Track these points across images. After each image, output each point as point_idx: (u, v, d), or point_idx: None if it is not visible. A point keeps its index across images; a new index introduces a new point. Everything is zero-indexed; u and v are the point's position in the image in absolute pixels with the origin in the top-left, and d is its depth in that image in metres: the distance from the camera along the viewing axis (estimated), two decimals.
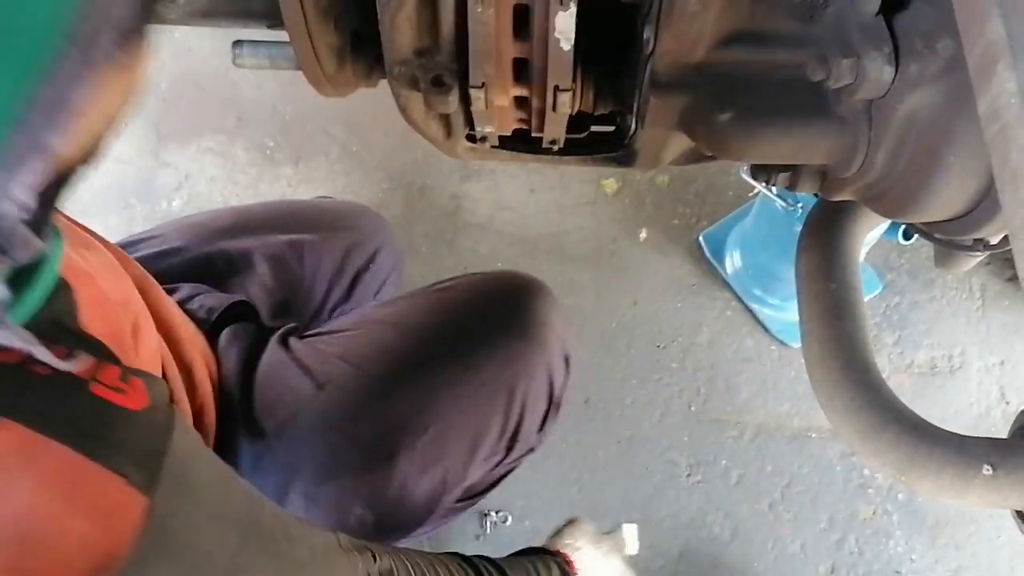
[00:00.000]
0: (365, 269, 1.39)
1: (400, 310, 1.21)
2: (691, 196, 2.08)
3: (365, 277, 1.39)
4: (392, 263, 1.45)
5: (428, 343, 1.15)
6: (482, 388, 1.13)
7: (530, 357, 1.16)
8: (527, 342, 1.16)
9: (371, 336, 1.16)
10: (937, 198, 0.75)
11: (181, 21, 0.92)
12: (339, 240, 1.36)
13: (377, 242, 1.41)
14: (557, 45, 0.76)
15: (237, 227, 1.30)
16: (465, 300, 1.22)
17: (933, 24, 0.70)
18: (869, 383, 0.95)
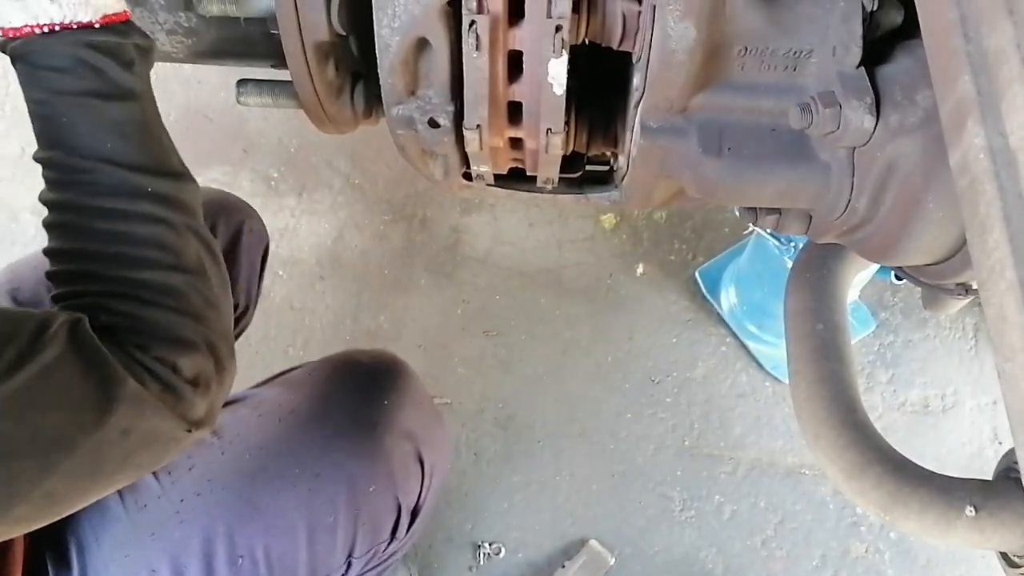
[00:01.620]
0: None
1: (232, 425, 1.12)
2: (688, 232, 2.11)
3: None
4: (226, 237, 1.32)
5: (251, 462, 1.08)
6: (310, 505, 1.06)
7: (365, 468, 1.10)
8: (358, 457, 1.10)
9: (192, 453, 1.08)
10: (918, 243, 0.77)
11: (188, 60, 0.95)
12: None
13: None
14: (550, 90, 0.79)
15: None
16: (304, 410, 1.13)
17: (913, 76, 0.73)
18: (854, 422, 0.96)
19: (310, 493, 1.07)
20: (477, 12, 0.73)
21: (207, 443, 1.09)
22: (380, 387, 1.17)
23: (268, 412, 1.13)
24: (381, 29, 0.75)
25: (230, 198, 1.39)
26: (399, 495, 1.13)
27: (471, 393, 1.94)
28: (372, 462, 1.10)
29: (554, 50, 0.75)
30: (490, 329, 2.01)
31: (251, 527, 1.04)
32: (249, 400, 1.17)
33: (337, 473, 1.08)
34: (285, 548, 1.05)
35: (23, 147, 2.17)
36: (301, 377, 1.21)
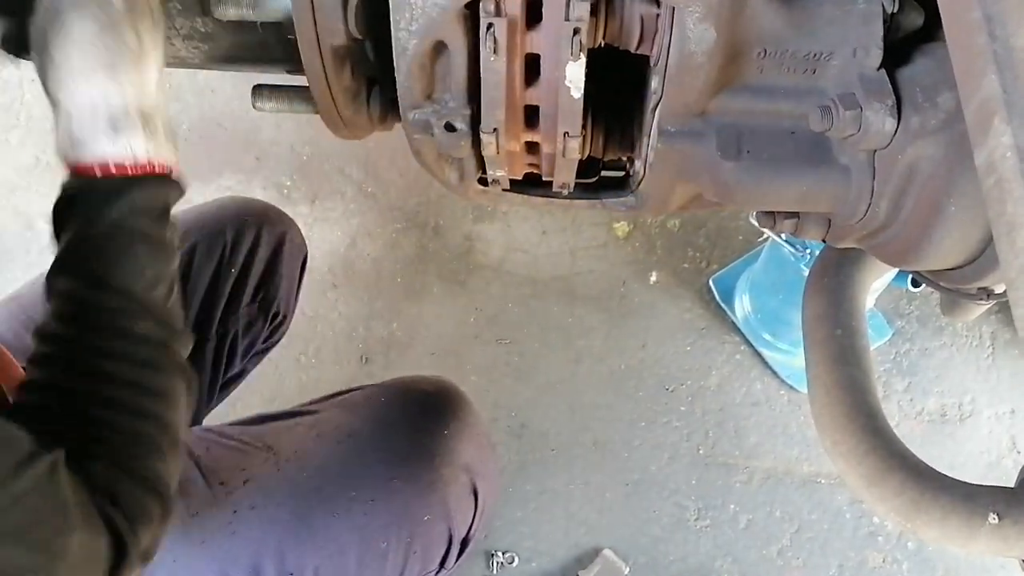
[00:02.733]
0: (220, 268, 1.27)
1: (290, 443, 1.12)
2: (701, 240, 2.10)
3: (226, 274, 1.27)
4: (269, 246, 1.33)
5: (305, 482, 1.08)
6: (363, 530, 1.06)
7: (420, 498, 1.09)
8: (414, 483, 1.09)
9: (248, 466, 1.08)
10: (939, 247, 0.76)
11: (203, 65, 0.95)
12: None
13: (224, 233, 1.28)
14: (567, 93, 0.78)
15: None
16: (356, 431, 1.13)
17: (934, 78, 0.72)
18: (875, 428, 0.95)
19: (365, 518, 1.06)
20: (495, 15, 0.72)
21: (263, 458, 1.08)
22: (440, 416, 1.16)
23: (326, 433, 1.13)
24: (398, 32, 0.75)
25: (272, 210, 1.40)
26: (452, 526, 1.12)
27: (484, 402, 1.94)
28: (429, 492, 1.09)
29: (572, 53, 0.74)
30: (503, 337, 2.01)
31: (303, 546, 1.04)
32: (306, 419, 1.17)
33: (393, 500, 1.08)
34: (335, 570, 1.05)
35: (37, 156, 2.18)
36: (361, 400, 1.20)
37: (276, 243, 1.35)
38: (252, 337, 1.37)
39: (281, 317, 1.42)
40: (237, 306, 1.31)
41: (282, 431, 1.14)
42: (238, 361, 1.36)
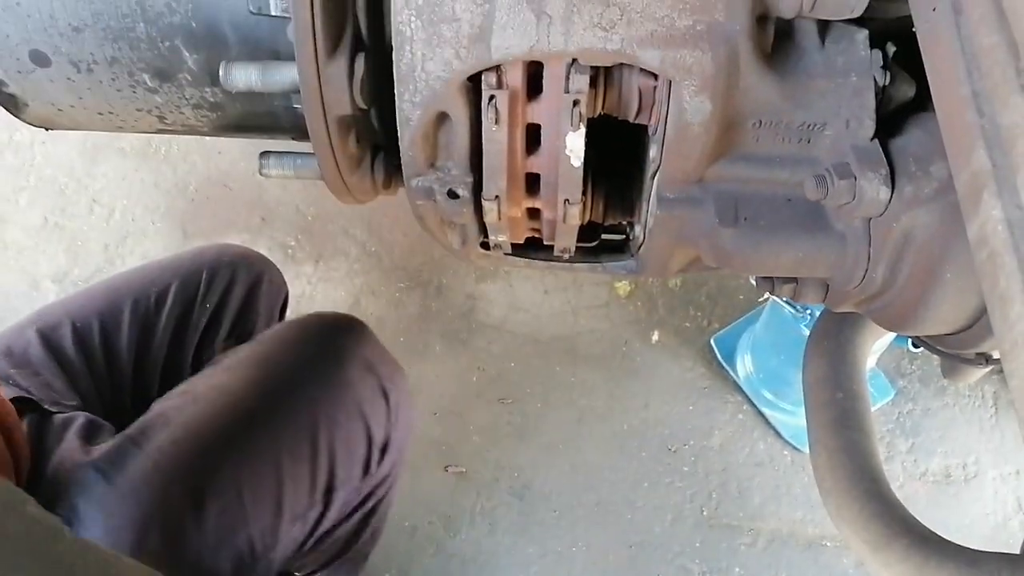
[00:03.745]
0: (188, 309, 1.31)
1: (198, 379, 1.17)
2: (703, 299, 2.11)
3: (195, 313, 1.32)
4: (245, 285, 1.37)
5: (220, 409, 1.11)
6: (279, 442, 1.10)
7: (332, 400, 1.15)
8: (328, 384, 1.15)
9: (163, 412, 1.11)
10: (936, 313, 0.77)
11: (212, 133, 0.97)
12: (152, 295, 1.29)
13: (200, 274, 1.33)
14: (568, 162, 0.80)
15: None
16: (263, 358, 1.19)
17: (926, 148, 0.74)
18: (878, 494, 0.95)
19: (283, 426, 1.11)
20: (497, 87, 0.74)
21: (181, 400, 1.12)
22: (341, 332, 1.24)
23: (238, 363, 1.18)
24: (402, 103, 0.77)
25: (251, 252, 1.45)
26: (368, 425, 1.18)
27: (486, 462, 1.93)
28: (340, 392, 1.16)
29: (572, 124, 0.76)
30: (505, 397, 2.01)
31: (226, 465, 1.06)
32: (220, 362, 1.21)
33: (308, 405, 1.13)
34: (263, 483, 1.07)
35: (46, 217, 2.21)
36: (268, 334, 1.26)
37: (253, 282, 1.39)
38: None
39: None
40: (212, 341, 1.34)
41: (197, 378, 1.18)
42: None
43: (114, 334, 1.25)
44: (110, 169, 2.27)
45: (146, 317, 1.27)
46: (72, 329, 1.22)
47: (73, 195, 2.24)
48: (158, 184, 2.26)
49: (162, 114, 0.94)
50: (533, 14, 0.71)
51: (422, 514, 1.88)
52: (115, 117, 0.95)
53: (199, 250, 1.42)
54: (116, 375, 1.25)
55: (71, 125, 0.98)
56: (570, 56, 0.73)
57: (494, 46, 0.72)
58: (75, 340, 1.21)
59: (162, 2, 0.82)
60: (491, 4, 0.71)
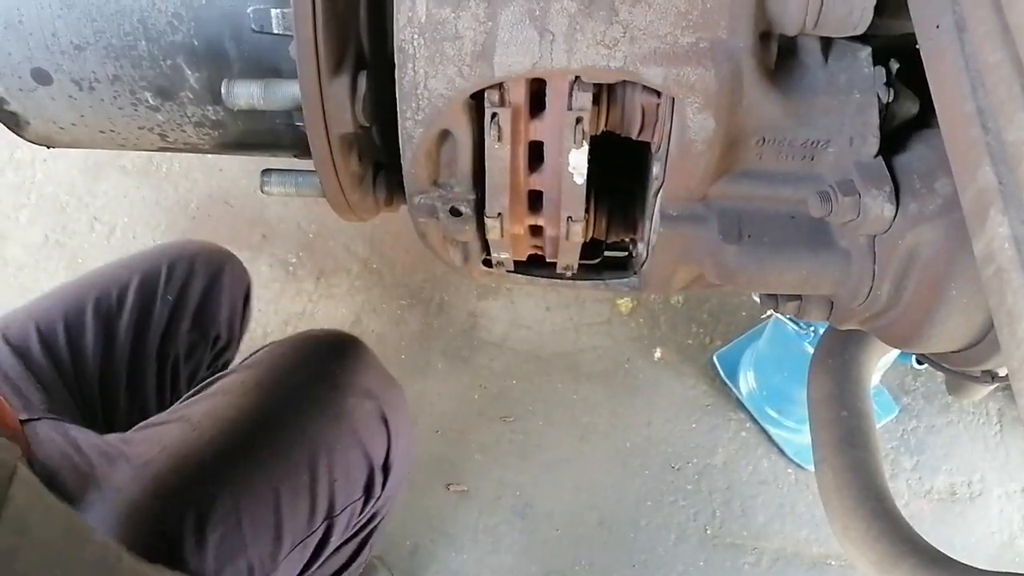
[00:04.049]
0: (150, 302, 1.33)
1: (191, 404, 1.17)
2: (705, 316, 2.10)
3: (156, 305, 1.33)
4: (206, 277, 1.39)
5: (216, 434, 1.11)
6: (277, 470, 1.10)
7: (330, 428, 1.15)
8: (326, 411, 1.15)
9: (155, 435, 1.11)
10: (942, 330, 0.76)
11: (214, 151, 0.97)
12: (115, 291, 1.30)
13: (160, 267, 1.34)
14: (570, 179, 0.80)
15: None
16: (259, 382, 1.19)
17: (930, 164, 0.74)
18: (884, 513, 0.94)
19: (282, 456, 1.11)
20: (499, 105, 0.74)
21: (178, 428, 1.12)
22: (337, 356, 1.23)
23: (233, 389, 1.18)
24: (405, 121, 0.77)
25: (212, 246, 1.47)
26: (368, 451, 1.18)
27: (488, 480, 1.92)
28: (337, 421, 1.16)
29: (575, 141, 0.76)
30: (507, 414, 2.00)
31: (226, 497, 1.06)
32: (216, 385, 1.21)
33: (306, 435, 1.13)
34: (264, 512, 1.07)
35: (46, 234, 2.21)
36: (261, 356, 1.25)
37: (213, 273, 1.41)
38: (195, 363, 1.40)
39: (224, 342, 1.45)
40: (176, 332, 1.35)
41: (191, 402, 1.17)
42: (184, 386, 1.39)
43: (78, 334, 1.25)
44: (111, 187, 2.27)
45: (108, 315, 1.28)
46: (37, 333, 1.22)
47: (74, 213, 2.24)
48: (159, 202, 2.26)
49: (164, 132, 0.93)
50: (536, 32, 0.71)
51: (424, 532, 1.86)
52: (117, 135, 0.94)
53: (161, 246, 1.45)
54: (82, 375, 1.25)
55: (72, 143, 0.98)
56: (573, 73, 0.73)
57: (497, 64, 0.72)
58: (41, 343, 1.22)
59: (164, 20, 0.82)
60: (494, 22, 0.71)
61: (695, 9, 0.70)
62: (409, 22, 0.72)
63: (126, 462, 1.06)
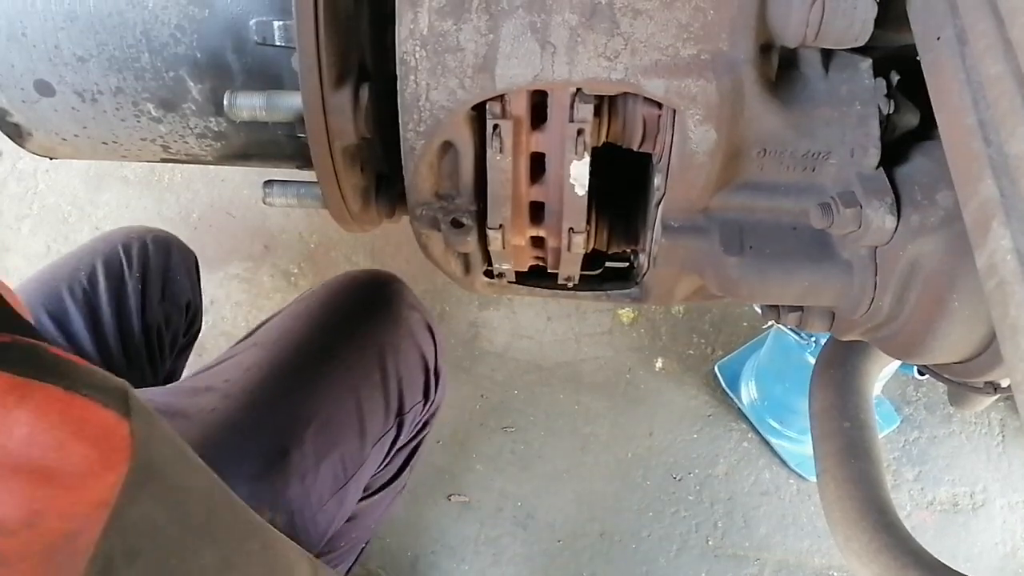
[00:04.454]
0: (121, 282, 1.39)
1: (260, 332, 1.27)
2: (706, 326, 2.10)
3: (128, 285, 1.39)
4: (162, 255, 1.46)
5: (290, 348, 1.20)
6: (353, 372, 1.19)
7: (391, 333, 1.25)
8: (384, 321, 1.26)
9: (233, 361, 1.20)
10: (944, 342, 0.76)
11: (216, 162, 0.97)
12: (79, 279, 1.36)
13: (117, 251, 1.41)
14: (572, 191, 0.80)
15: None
16: (319, 304, 1.28)
17: (932, 176, 0.74)
18: (887, 525, 0.94)
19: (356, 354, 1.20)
20: (501, 117, 0.74)
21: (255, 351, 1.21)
22: (382, 280, 1.34)
23: (298, 313, 1.28)
24: (407, 133, 0.77)
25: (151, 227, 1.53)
26: (424, 354, 1.29)
27: (489, 491, 1.91)
28: (396, 326, 1.26)
29: (576, 153, 0.76)
30: (508, 425, 2.00)
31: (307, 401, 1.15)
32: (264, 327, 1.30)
33: (371, 336, 1.23)
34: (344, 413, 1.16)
35: (48, 245, 2.21)
36: (312, 291, 1.35)
37: (165, 249, 1.48)
38: (174, 331, 1.49)
39: (193, 310, 1.56)
40: (150, 305, 1.42)
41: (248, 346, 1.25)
42: (169, 355, 1.48)
43: (64, 320, 1.30)
44: (113, 197, 2.28)
45: (86, 298, 1.33)
46: (38, 320, 1.27)
47: (76, 223, 2.24)
48: (161, 212, 2.26)
49: (166, 143, 0.94)
50: (537, 44, 0.71)
51: (425, 543, 1.86)
52: (119, 146, 0.95)
53: (103, 235, 1.50)
54: (82, 357, 1.27)
55: (75, 154, 0.98)
56: (574, 85, 0.73)
57: (498, 75, 0.72)
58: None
59: (167, 32, 0.82)
60: (495, 34, 0.71)
61: (696, 21, 0.70)
62: (411, 34, 0.72)
63: (208, 390, 1.15)
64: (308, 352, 1.20)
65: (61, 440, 0.59)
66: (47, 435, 0.59)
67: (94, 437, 0.61)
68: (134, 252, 1.42)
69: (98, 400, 0.62)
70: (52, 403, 0.60)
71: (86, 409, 0.62)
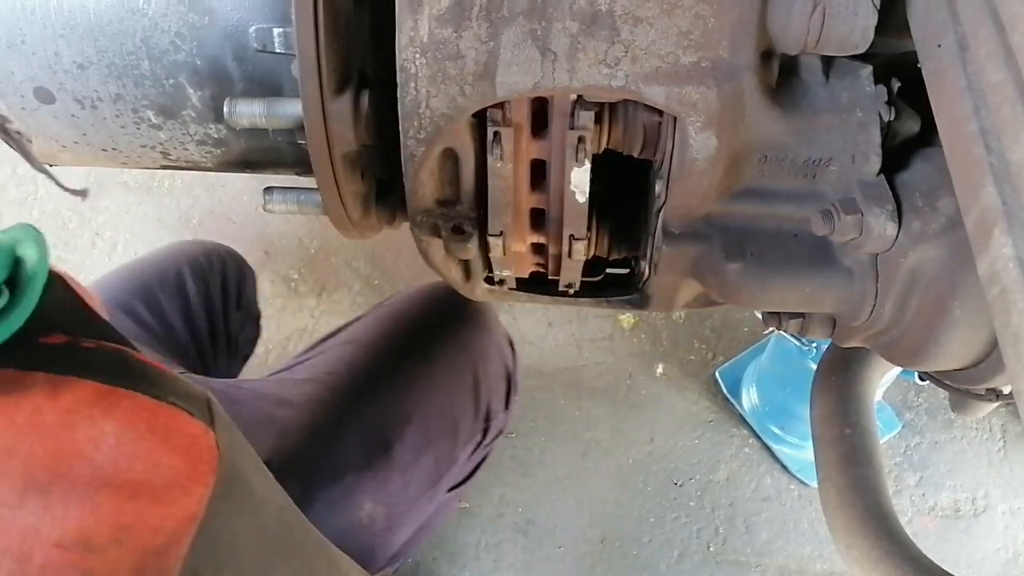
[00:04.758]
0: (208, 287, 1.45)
1: (349, 331, 1.30)
2: (707, 332, 2.10)
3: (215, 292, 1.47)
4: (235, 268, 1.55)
5: (387, 348, 1.23)
6: (448, 374, 1.21)
7: (481, 341, 1.28)
8: (475, 329, 1.29)
9: (330, 356, 1.24)
10: (945, 349, 0.76)
11: (216, 168, 0.97)
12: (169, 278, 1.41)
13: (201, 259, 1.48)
14: (573, 197, 0.80)
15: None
16: (409, 307, 1.32)
17: (933, 183, 0.74)
18: (889, 531, 0.94)
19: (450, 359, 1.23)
20: (501, 124, 0.74)
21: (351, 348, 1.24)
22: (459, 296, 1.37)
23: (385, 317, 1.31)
24: (407, 140, 0.77)
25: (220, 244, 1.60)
26: (506, 364, 1.33)
27: (490, 497, 1.91)
28: (486, 333, 1.30)
29: (577, 160, 0.76)
30: (509, 430, 1.99)
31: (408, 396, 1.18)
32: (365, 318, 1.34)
33: (463, 341, 1.27)
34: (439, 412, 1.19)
35: None
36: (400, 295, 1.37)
37: (237, 262, 1.58)
38: (245, 338, 1.59)
39: (256, 316, 1.66)
40: (230, 311, 1.50)
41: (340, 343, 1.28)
42: (238, 360, 1.58)
43: (159, 310, 1.36)
44: (113, 203, 2.28)
45: (177, 291, 1.39)
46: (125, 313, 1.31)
47: (76, 229, 2.24)
48: (161, 218, 2.26)
49: (166, 150, 0.94)
50: (538, 51, 0.71)
51: (425, 550, 1.85)
52: (119, 153, 0.95)
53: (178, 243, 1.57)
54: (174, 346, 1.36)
55: (74, 161, 0.98)
56: (575, 93, 0.73)
57: (499, 83, 0.72)
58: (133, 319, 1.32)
59: (167, 40, 0.82)
60: (496, 41, 0.71)
61: (697, 29, 0.70)
62: (411, 41, 0.72)
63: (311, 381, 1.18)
64: (407, 352, 1.23)
65: (149, 451, 0.58)
66: (134, 445, 0.57)
67: (183, 447, 0.60)
68: (214, 260, 1.49)
69: (185, 409, 0.61)
70: (139, 412, 0.59)
71: (174, 418, 0.61)
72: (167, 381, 0.63)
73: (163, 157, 0.95)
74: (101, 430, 0.56)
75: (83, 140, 0.92)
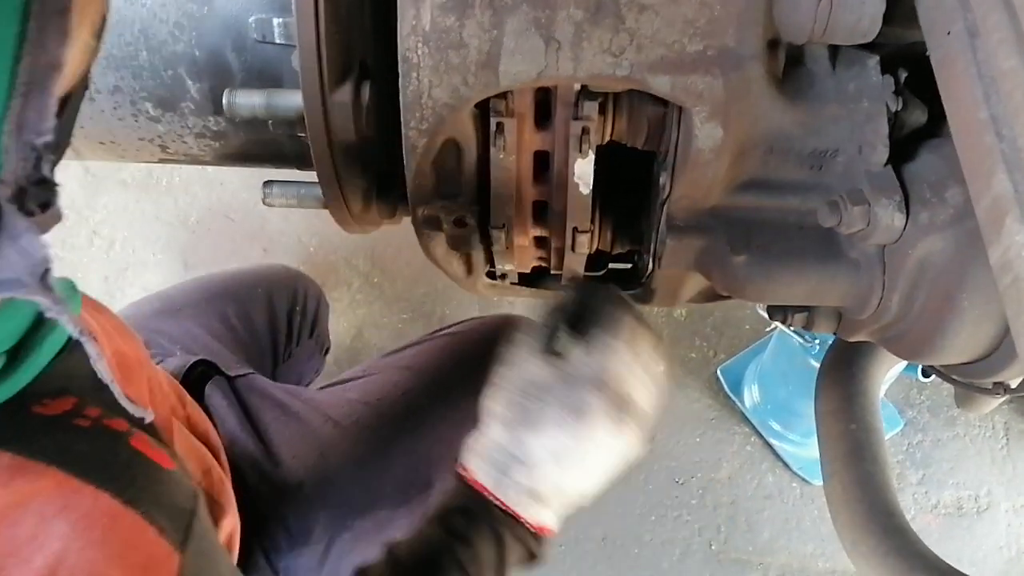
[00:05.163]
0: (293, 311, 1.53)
1: (409, 355, 1.30)
2: (708, 329, 2.09)
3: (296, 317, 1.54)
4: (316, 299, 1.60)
5: (443, 383, 1.22)
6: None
7: None
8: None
9: (385, 379, 1.24)
10: (953, 342, 0.75)
11: (215, 162, 0.96)
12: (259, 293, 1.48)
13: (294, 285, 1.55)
14: (576, 189, 0.79)
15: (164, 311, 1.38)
16: (472, 342, 1.29)
17: (940, 174, 0.73)
18: (895, 528, 0.93)
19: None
20: (504, 114, 0.74)
21: (398, 373, 1.25)
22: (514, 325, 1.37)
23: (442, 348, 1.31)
24: (408, 131, 0.76)
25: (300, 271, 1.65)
26: None
27: None
28: None
29: (580, 151, 0.75)
30: None
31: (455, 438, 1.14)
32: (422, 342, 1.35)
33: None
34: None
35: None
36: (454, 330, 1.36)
37: (317, 295, 1.62)
38: (313, 364, 1.64)
39: (325, 349, 1.70)
40: (302, 339, 1.56)
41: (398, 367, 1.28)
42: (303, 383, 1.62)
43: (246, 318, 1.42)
44: (111, 200, 2.26)
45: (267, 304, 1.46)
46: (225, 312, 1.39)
47: (73, 226, 2.23)
48: (159, 215, 2.25)
49: (164, 143, 0.93)
50: (542, 40, 0.70)
51: None
52: (117, 146, 0.94)
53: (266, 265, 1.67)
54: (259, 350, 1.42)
55: (72, 155, 0.97)
56: (579, 82, 0.72)
57: (502, 72, 0.71)
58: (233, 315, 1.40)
59: (165, 30, 0.81)
60: (499, 30, 0.70)
61: (702, 17, 0.69)
62: (413, 31, 0.71)
63: (363, 404, 1.19)
64: (462, 390, 1.19)
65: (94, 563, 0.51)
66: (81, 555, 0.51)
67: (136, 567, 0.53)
68: (299, 293, 1.55)
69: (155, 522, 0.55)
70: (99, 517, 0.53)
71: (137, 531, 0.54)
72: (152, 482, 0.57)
73: (161, 150, 0.94)
74: (49, 531, 0.50)
75: (81, 133, 0.91)
